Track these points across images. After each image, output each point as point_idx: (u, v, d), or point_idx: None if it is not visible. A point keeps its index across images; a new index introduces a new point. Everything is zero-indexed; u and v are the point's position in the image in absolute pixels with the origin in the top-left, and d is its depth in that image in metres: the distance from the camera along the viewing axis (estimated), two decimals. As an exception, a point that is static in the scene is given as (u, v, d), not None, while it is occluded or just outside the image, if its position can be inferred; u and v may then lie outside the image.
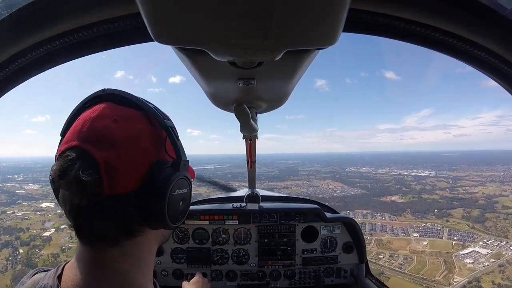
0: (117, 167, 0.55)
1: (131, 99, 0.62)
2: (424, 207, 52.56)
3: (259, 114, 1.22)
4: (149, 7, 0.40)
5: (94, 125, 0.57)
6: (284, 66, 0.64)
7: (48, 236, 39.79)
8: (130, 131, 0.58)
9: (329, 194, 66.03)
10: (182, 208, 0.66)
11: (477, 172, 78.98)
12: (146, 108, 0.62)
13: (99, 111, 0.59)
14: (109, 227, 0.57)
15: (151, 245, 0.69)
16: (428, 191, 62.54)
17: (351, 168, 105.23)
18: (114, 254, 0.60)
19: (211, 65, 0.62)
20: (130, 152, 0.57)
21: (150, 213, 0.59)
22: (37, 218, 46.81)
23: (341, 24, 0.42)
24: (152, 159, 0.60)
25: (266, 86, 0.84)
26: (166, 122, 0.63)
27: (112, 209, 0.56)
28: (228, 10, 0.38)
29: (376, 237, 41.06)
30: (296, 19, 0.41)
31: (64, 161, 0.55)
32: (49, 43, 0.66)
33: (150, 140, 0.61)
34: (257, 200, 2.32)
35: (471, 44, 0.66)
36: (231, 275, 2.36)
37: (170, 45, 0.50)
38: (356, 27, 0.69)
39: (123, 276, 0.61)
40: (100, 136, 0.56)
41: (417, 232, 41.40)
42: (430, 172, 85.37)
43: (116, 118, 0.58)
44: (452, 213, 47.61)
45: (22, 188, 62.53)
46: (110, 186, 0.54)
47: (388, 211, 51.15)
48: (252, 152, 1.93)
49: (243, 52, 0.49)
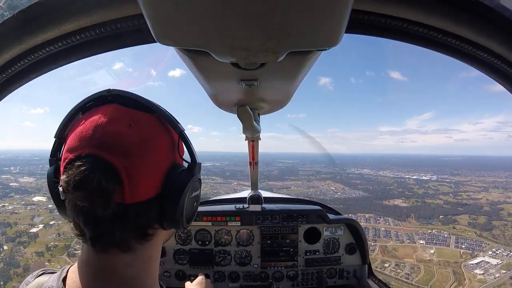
0: (137, 174, 0.53)
1: (140, 101, 0.60)
2: (428, 212, 51.05)
3: (261, 115, 1.21)
4: (151, 9, 0.40)
5: (107, 131, 0.53)
6: (286, 67, 0.64)
7: (35, 232, 38.15)
8: (146, 136, 0.57)
9: (330, 195, 64.43)
10: (196, 208, 0.69)
11: (480, 178, 78.13)
12: (158, 111, 0.61)
13: (109, 115, 0.55)
14: (129, 235, 0.57)
15: (159, 244, 0.70)
16: (431, 196, 61.32)
17: (352, 169, 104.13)
18: (126, 259, 0.60)
19: (214, 66, 0.62)
20: (148, 158, 0.56)
21: (168, 217, 0.59)
22: (27, 212, 45.30)
23: (343, 25, 0.42)
24: (168, 164, 0.60)
25: (269, 87, 0.83)
26: (179, 126, 0.63)
27: (133, 217, 0.55)
28: (231, 11, 0.38)
29: (380, 243, 39.24)
30: (298, 21, 0.40)
31: (78, 171, 0.51)
32: (52, 44, 0.66)
33: (165, 145, 0.61)
34: (259, 201, 2.33)
35: (473, 45, 0.66)
36: (233, 276, 2.36)
37: (172, 46, 0.50)
38: (359, 28, 0.69)
39: (133, 280, 0.61)
40: (116, 143, 0.53)
41: (423, 239, 39.64)
42: (432, 176, 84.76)
43: (130, 123, 0.55)
44: (458, 219, 46.10)
45: (17, 181, 61.08)
46: (132, 194, 0.53)
47: (391, 215, 49.50)
48: (254, 154, 1.93)
49: (246, 53, 0.48)
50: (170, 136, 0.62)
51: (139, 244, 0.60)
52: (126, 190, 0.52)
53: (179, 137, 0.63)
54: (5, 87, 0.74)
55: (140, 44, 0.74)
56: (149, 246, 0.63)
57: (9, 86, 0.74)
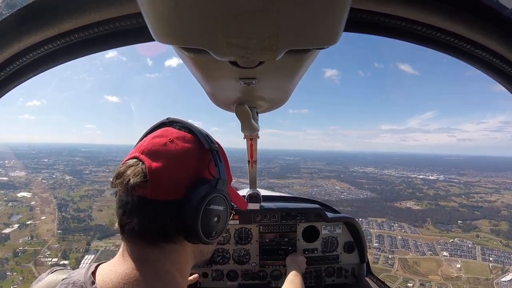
0: (162, 175, 0.63)
1: (186, 125, 0.73)
2: (445, 216, 47.32)
3: (259, 114, 1.23)
4: (150, 8, 0.40)
5: (152, 142, 0.68)
6: (285, 65, 0.65)
7: (7, 234, 33.85)
8: (180, 149, 0.68)
9: (336, 196, 60.35)
10: (217, 225, 0.70)
11: (488, 178, 75.66)
12: (197, 133, 0.72)
13: (159, 132, 0.71)
14: (146, 225, 0.64)
15: (188, 256, 0.74)
16: (443, 197, 57.74)
17: (355, 167, 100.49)
18: (154, 253, 0.66)
19: (212, 64, 0.63)
20: (176, 165, 0.66)
21: (184, 222, 0.64)
22: (7, 210, 41.37)
23: (342, 23, 0.43)
24: (195, 175, 0.68)
25: (267, 85, 0.84)
26: (211, 146, 0.71)
27: (151, 211, 0.63)
28: (229, 9, 0.38)
29: (398, 255, 34.97)
30: (297, 19, 0.41)
31: (124, 166, 0.66)
32: (50, 43, 0.67)
33: (196, 159, 0.69)
34: (258, 200, 2.31)
35: (472, 44, 0.67)
36: (232, 274, 2.35)
37: (170, 44, 0.51)
38: (357, 27, 0.70)
39: (165, 274, 0.66)
40: (154, 150, 0.66)
41: (446, 250, 35.55)
42: (438, 175, 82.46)
43: (172, 139, 0.68)
44: (478, 225, 42.34)
45: (7, 175, 57.53)
46: (153, 191, 0.63)
47: (406, 220, 45.53)
48: (253, 152, 1.93)
49: (244, 51, 0.49)
50: (203, 153, 0.70)
51: (165, 243, 0.66)
52: (149, 186, 0.62)
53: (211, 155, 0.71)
54: (4, 85, 0.75)
55: (139, 42, 0.76)
56: (177, 251, 0.69)
57: (8, 84, 0.75)
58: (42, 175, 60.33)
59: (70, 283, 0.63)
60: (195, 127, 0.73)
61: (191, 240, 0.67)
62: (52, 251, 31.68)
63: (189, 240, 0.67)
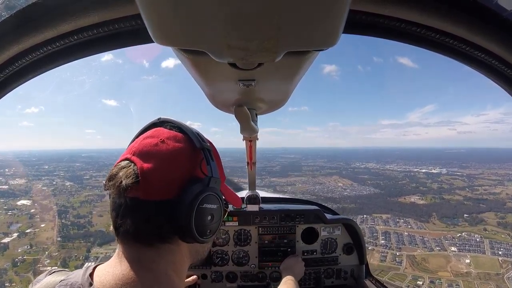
0: (154, 176, 0.63)
1: (177, 124, 0.73)
2: (450, 210, 46.39)
3: (259, 115, 1.24)
4: (149, 9, 0.40)
5: (143, 143, 0.68)
6: (284, 67, 0.65)
7: (6, 243, 33.28)
8: (172, 148, 0.67)
9: (339, 193, 59.09)
10: (211, 224, 0.70)
11: (491, 170, 74.42)
12: (189, 132, 0.71)
13: (150, 133, 0.71)
14: (140, 226, 0.64)
15: (184, 256, 0.73)
16: (448, 191, 56.86)
17: (357, 163, 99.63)
18: (150, 254, 0.66)
19: (211, 66, 0.63)
20: (168, 165, 0.66)
21: (178, 221, 0.64)
22: (6, 218, 40.83)
23: (341, 25, 0.42)
24: (187, 175, 0.67)
25: (266, 87, 0.84)
26: (203, 144, 0.71)
27: (145, 211, 0.63)
28: (228, 11, 0.38)
29: (406, 252, 34.06)
30: (296, 21, 0.40)
31: (116, 168, 0.66)
32: (50, 44, 0.67)
33: (187, 158, 0.69)
34: (257, 201, 2.30)
35: (471, 46, 0.67)
36: (231, 276, 2.35)
37: (170, 46, 0.51)
38: (356, 29, 0.70)
39: (160, 274, 0.66)
40: (145, 151, 0.66)
41: (454, 245, 34.64)
42: (441, 169, 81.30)
43: (163, 139, 0.68)
44: (484, 218, 41.52)
45: (7, 183, 56.99)
46: (145, 192, 0.62)
47: (411, 215, 44.61)
48: (252, 154, 1.92)
49: (243, 53, 0.48)
50: (194, 152, 0.70)
51: (160, 243, 0.66)
52: (141, 187, 0.62)
53: (203, 153, 0.70)
54: (2, 87, 0.75)
55: (138, 44, 0.75)
56: (173, 251, 0.69)
57: (6, 86, 0.75)
58: (42, 182, 59.88)
59: (68, 285, 0.63)
60: (186, 126, 0.72)
61: (186, 240, 0.67)
62: (51, 260, 31.08)
63: (184, 239, 0.67)
